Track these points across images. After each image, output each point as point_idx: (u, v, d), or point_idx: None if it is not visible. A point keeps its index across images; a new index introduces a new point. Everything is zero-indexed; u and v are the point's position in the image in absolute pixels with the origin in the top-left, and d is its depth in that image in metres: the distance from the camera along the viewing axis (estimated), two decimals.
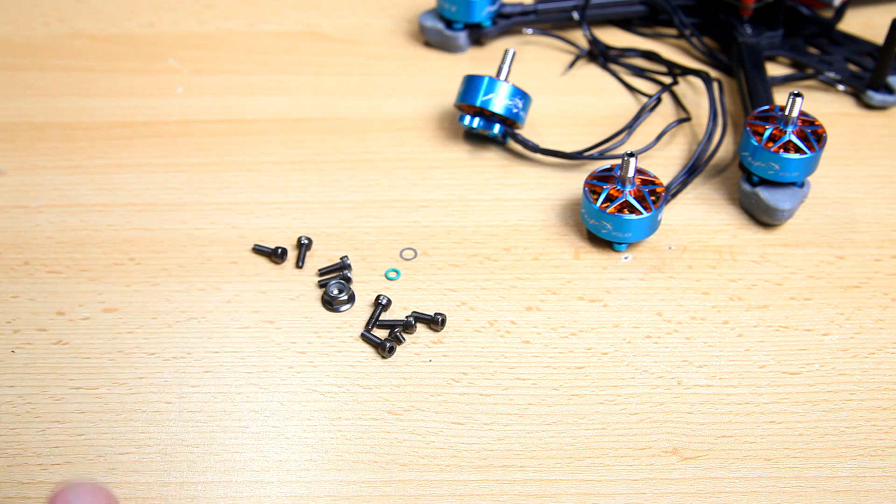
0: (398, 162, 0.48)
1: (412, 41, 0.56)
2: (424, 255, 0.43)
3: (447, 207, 0.45)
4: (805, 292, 0.41)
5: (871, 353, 0.39)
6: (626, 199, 0.41)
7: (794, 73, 0.53)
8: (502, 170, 0.48)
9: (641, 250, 0.43)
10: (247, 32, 0.57)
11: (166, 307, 0.40)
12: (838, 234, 0.44)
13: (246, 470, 0.35)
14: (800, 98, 0.42)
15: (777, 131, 0.42)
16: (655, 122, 0.50)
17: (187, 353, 0.39)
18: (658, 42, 0.56)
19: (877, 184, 0.47)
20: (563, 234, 0.44)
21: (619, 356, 0.39)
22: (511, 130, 0.47)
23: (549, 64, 0.55)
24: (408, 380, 0.38)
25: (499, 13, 0.55)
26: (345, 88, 0.53)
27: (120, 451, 0.35)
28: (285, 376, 0.38)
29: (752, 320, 0.40)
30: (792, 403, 0.37)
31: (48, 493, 0.34)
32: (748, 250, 0.43)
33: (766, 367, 0.38)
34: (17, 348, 0.39)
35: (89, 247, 0.43)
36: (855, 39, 0.54)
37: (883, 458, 0.35)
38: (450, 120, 0.50)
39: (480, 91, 0.46)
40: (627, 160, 0.41)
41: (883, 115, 0.51)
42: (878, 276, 0.42)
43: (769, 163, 0.42)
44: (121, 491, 0.34)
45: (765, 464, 0.35)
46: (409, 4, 0.59)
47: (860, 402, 0.37)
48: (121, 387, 0.37)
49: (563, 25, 0.57)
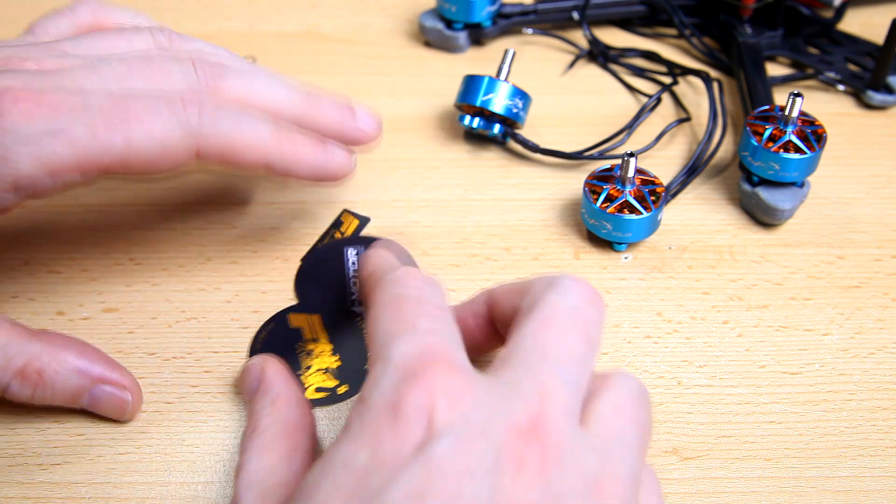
0: (398, 162, 0.48)
1: (412, 41, 0.56)
2: (424, 255, 0.43)
3: (447, 207, 0.45)
4: (805, 292, 0.41)
5: (871, 353, 0.39)
6: (626, 199, 0.41)
7: (794, 73, 0.53)
8: (502, 170, 0.48)
9: (641, 250, 0.43)
10: (247, 32, 0.57)
11: (166, 307, 0.40)
12: (838, 234, 0.44)
13: None
14: (800, 98, 0.42)
15: (777, 131, 0.42)
16: (655, 122, 0.50)
17: (187, 353, 0.39)
18: (658, 42, 0.56)
19: (877, 184, 0.47)
20: (563, 234, 0.44)
21: (619, 356, 0.39)
22: (511, 130, 0.47)
23: (549, 64, 0.55)
24: None
25: (499, 13, 0.55)
26: (345, 88, 0.53)
27: (120, 451, 0.35)
28: None
29: (752, 320, 0.40)
30: (792, 403, 0.37)
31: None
32: (748, 250, 0.43)
33: (766, 367, 0.38)
34: None
35: (89, 247, 0.43)
36: (855, 39, 0.54)
37: (883, 458, 0.35)
38: (450, 120, 0.50)
39: (480, 91, 0.46)
40: (627, 160, 0.41)
41: (883, 115, 0.51)
42: (878, 276, 0.42)
43: (769, 163, 0.42)
44: (121, 491, 0.34)
45: (765, 464, 0.35)
46: (409, 4, 0.59)
47: (860, 402, 0.37)
48: None
49: (563, 25, 0.57)
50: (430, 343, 0.28)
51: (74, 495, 0.34)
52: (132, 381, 0.36)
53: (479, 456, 0.25)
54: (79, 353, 0.35)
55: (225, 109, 0.35)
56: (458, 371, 0.27)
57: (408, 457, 0.25)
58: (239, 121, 0.35)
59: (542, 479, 0.25)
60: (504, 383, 0.27)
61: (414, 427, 0.26)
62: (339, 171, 0.38)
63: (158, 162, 0.34)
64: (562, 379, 0.27)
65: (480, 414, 0.26)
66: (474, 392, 0.26)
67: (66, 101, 0.32)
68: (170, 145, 0.34)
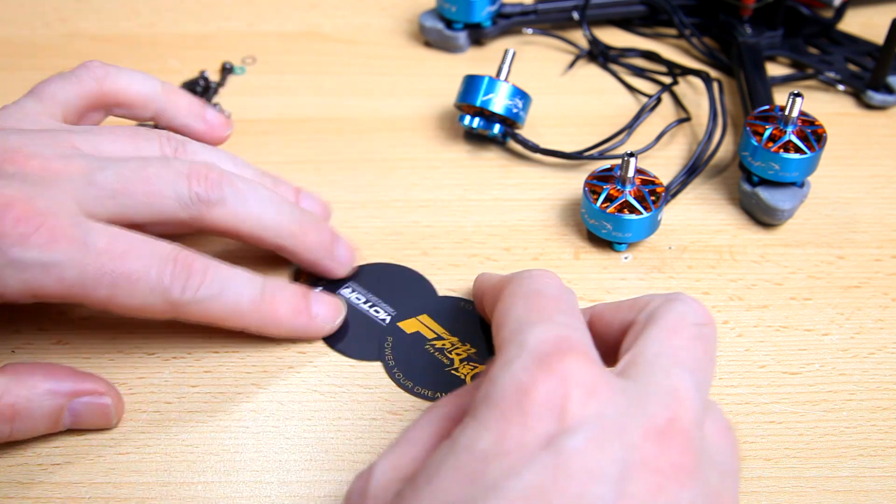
0: (398, 162, 0.48)
1: (412, 41, 0.56)
2: (424, 255, 0.43)
3: (447, 207, 0.45)
4: (805, 292, 0.41)
5: (871, 353, 0.39)
6: (626, 199, 0.41)
7: (794, 73, 0.53)
8: (502, 170, 0.48)
9: (641, 250, 0.43)
10: (247, 32, 0.57)
11: None
12: (838, 234, 0.44)
13: (246, 470, 0.35)
14: (800, 98, 0.42)
15: (777, 131, 0.42)
16: (655, 122, 0.50)
17: (187, 353, 0.39)
18: (658, 42, 0.56)
19: (877, 184, 0.47)
20: (563, 234, 0.44)
21: None
22: (511, 130, 0.47)
23: (549, 64, 0.55)
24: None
25: (499, 13, 0.55)
26: (345, 88, 0.53)
27: (120, 451, 0.35)
28: (285, 376, 0.38)
29: (752, 320, 0.40)
30: (792, 403, 0.37)
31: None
32: (748, 250, 0.43)
33: (766, 367, 0.38)
34: (17, 348, 0.39)
35: None
36: (855, 39, 0.54)
37: (883, 458, 0.35)
38: (450, 120, 0.50)
39: (480, 91, 0.46)
40: (627, 160, 0.41)
41: (883, 115, 0.51)
42: (878, 276, 0.42)
43: (769, 163, 0.42)
44: (121, 491, 0.34)
45: (765, 464, 0.35)
46: (409, 4, 0.59)
47: (860, 402, 0.37)
48: (121, 387, 0.37)
49: (563, 25, 0.57)
50: (568, 334, 0.27)
51: (74, 495, 0.34)
52: (106, 385, 0.36)
53: (611, 457, 0.24)
54: (45, 375, 0.34)
55: (210, 277, 0.35)
56: (594, 363, 0.26)
57: (534, 448, 0.24)
58: (221, 290, 0.35)
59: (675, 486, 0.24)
60: (636, 384, 0.26)
61: (544, 416, 0.24)
62: (317, 334, 0.39)
63: (133, 315, 0.35)
64: (694, 383, 0.26)
65: (616, 412, 0.25)
66: (610, 389, 0.25)
67: (66, 233, 0.33)
68: (147, 310, 0.34)
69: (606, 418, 0.24)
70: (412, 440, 0.29)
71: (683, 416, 0.25)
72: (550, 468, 0.23)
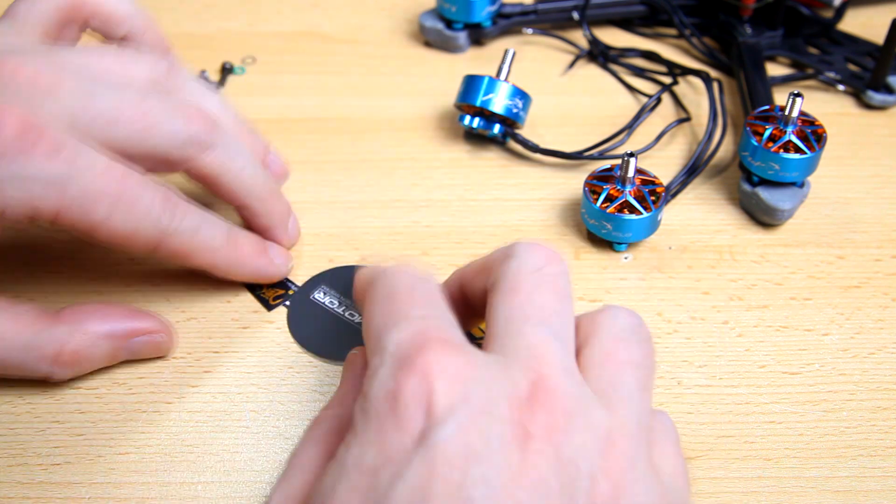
0: (398, 162, 0.48)
1: (412, 41, 0.56)
2: (424, 255, 0.43)
3: (447, 207, 0.45)
4: (805, 292, 0.41)
5: (871, 353, 0.39)
6: (626, 199, 0.41)
7: (794, 73, 0.53)
8: (502, 170, 0.48)
9: (641, 250, 0.43)
10: (247, 32, 0.57)
11: (166, 307, 0.40)
12: (838, 234, 0.44)
13: (246, 470, 0.35)
14: (800, 98, 0.42)
15: (777, 131, 0.42)
16: (655, 122, 0.50)
17: (187, 353, 0.39)
18: (658, 42, 0.56)
19: (877, 184, 0.47)
20: (563, 234, 0.44)
21: None
22: (511, 130, 0.47)
23: (549, 64, 0.55)
24: None
25: (499, 13, 0.55)
26: (345, 88, 0.53)
27: (120, 451, 0.35)
28: (285, 376, 0.38)
29: (752, 320, 0.40)
30: (792, 403, 0.37)
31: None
32: (748, 250, 0.43)
33: (766, 367, 0.38)
34: None
35: (89, 247, 0.43)
36: (855, 39, 0.54)
37: (883, 458, 0.35)
38: (450, 120, 0.50)
39: (480, 91, 0.46)
40: (627, 160, 0.41)
41: (883, 115, 0.51)
42: (878, 276, 0.42)
43: (769, 163, 0.42)
44: (121, 491, 0.34)
45: (765, 464, 0.35)
46: (409, 4, 0.59)
47: (860, 402, 0.37)
48: (121, 387, 0.37)
49: (563, 25, 0.57)
50: (423, 326, 0.27)
51: (74, 495, 0.34)
52: (159, 322, 0.37)
53: (483, 436, 0.24)
54: (102, 318, 0.36)
55: (192, 211, 0.36)
56: (453, 348, 0.26)
57: (410, 449, 0.24)
58: (199, 225, 0.36)
59: (551, 447, 0.24)
60: (496, 355, 0.26)
61: (415, 415, 0.25)
62: (276, 276, 0.41)
63: (116, 244, 0.34)
64: (549, 334, 0.27)
65: (481, 390, 0.25)
66: (473, 368, 0.25)
67: (68, 149, 0.32)
68: (137, 237, 0.34)
69: (472, 399, 0.25)
70: (300, 466, 0.29)
71: (548, 374, 0.26)
72: (427, 463, 0.24)
